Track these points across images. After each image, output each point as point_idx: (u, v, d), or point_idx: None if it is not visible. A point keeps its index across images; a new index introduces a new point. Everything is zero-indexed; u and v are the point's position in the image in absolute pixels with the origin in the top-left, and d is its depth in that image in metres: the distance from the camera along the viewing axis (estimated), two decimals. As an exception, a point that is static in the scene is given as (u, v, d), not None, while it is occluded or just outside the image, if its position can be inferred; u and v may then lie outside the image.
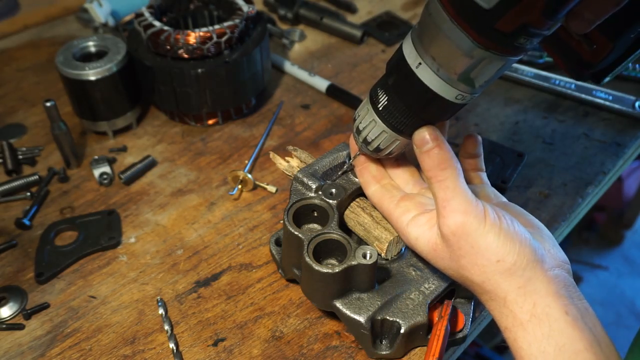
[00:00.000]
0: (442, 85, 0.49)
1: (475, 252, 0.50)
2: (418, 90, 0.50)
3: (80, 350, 0.62)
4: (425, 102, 0.51)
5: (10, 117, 0.92)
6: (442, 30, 0.46)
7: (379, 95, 0.54)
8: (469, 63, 0.47)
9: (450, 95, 0.50)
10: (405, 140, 0.55)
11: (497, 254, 0.49)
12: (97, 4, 1.00)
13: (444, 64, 0.48)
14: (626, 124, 0.86)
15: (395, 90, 0.52)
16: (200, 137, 0.87)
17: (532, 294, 0.48)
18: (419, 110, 0.52)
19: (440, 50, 0.47)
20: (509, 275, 0.49)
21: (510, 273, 0.49)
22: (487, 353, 1.42)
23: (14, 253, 0.72)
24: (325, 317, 0.64)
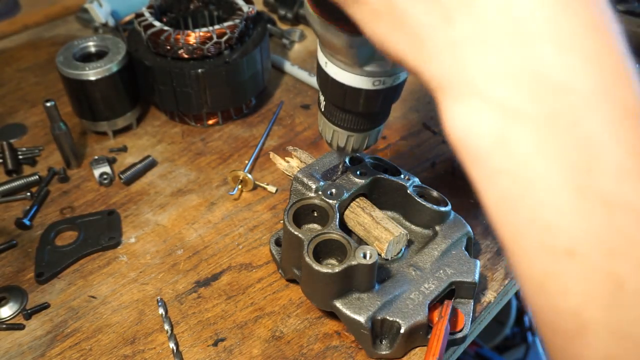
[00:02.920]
0: (352, 77, 0.50)
1: None
2: (336, 87, 0.51)
3: (81, 350, 0.62)
4: (348, 96, 0.52)
5: (10, 117, 0.92)
6: (321, 30, 0.47)
7: (319, 96, 0.56)
8: (356, 52, 0.47)
9: (367, 84, 0.50)
10: (359, 134, 0.56)
11: None
12: (97, 4, 1.00)
13: (341, 58, 0.49)
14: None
15: (323, 90, 0.54)
16: (200, 137, 0.87)
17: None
18: (348, 104, 0.52)
19: (331, 46, 0.48)
20: None
21: None
22: (487, 353, 1.42)
23: (14, 253, 0.72)
24: (325, 317, 0.64)
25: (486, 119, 0.29)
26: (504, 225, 0.30)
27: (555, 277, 0.27)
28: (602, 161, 0.26)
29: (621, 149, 0.26)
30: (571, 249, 0.27)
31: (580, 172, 0.26)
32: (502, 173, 0.29)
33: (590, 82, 0.26)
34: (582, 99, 0.26)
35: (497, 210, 0.30)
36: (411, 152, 0.84)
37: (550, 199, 0.27)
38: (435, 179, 0.80)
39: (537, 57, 0.27)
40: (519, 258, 0.29)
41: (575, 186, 0.26)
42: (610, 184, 0.26)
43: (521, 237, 0.29)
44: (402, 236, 0.62)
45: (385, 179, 0.66)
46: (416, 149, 0.84)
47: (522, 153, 0.28)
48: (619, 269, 0.26)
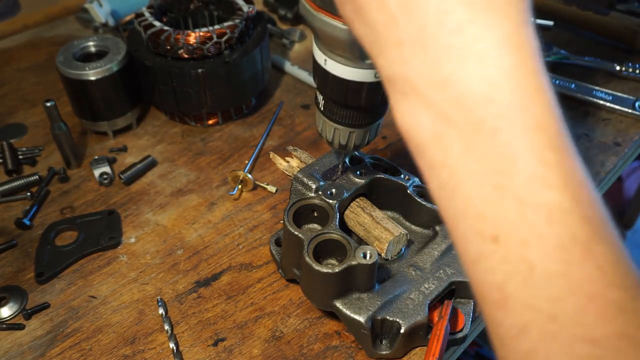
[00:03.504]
0: (354, 72, 0.50)
1: None
2: (337, 84, 0.51)
3: (81, 350, 0.62)
4: (350, 92, 0.51)
5: (10, 117, 0.92)
6: (320, 25, 0.47)
7: (317, 96, 0.55)
8: (356, 44, 0.47)
9: (369, 77, 0.50)
10: (360, 130, 0.56)
11: None
12: (97, 4, 1.00)
13: (342, 53, 0.49)
14: (626, 124, 0.86)
15: (322, 89, 0.53)
16: (200, 137, 0.87)
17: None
18: (350, 100, 0.52)
19: (331, 41, 0.48)
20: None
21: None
22: (488, 353, 1.42)
23: (14, 253, 0.72)
24: (325, 317, 0.64)
25: (424, 118, 0.33)
26: (445, 210, 0.34)
27: (484, 257, 0.32)
28: (518, 166, 0.30)
29: (533, 158, 0.30)
30: (495, 235, 0.31)
31: (499, 173, 0.31)
32: (440, 166, 0.33)
33: (509, 95, 0.30)
34: (501, 111, 0.30)
35: (439, 197, 0.34)
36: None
37: (477, 192, 0.31)
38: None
39: (465, 69, 0.30)
40: (458, 239, 0.34)
41: (495, 184, 0.31)
42: (524, 186, 0.30)
43: (459, 222, 0.33)
44: (402, 236, 0.62)
45: (385, 178, 0.66)
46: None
47: (455, 151, 0.32)
48: (530, 255, 0.30)
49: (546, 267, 0.30)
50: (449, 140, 0.32)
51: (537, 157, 0.30)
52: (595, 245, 0.30)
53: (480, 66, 0.30)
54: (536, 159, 0.30)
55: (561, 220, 0.30)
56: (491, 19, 0.30)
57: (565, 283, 0.30)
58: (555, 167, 0.30)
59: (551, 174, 0.30)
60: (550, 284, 0.30)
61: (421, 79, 0.32)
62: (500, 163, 0.31)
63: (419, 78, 0.32)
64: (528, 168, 0.30)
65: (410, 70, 0.32)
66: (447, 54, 0.31)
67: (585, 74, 0.94)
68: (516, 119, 0.30)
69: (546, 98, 0.31)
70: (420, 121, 0.33)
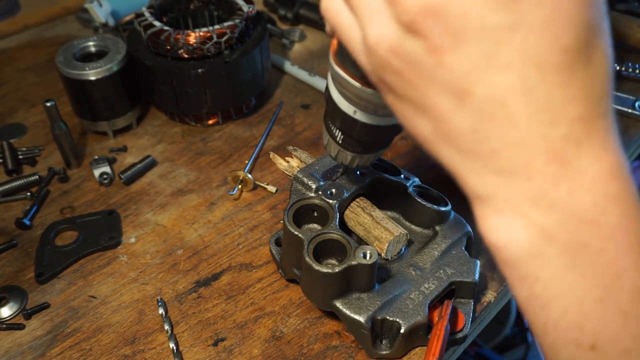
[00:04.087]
0: (386, 120, 0.51)
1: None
2: (367, 130, 0.52)
3: (81, 350, 0.62)
4: (381, 134, 0.53)
5: (10, 117, 0.92)
6: (351, 89, 0.48)
7: (334, 131, 0.55)
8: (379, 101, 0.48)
9: (388, 121, 0.52)
10: (369, 155, 0.57)
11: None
12: (97, 4, 1.00)
13: (376, 109, 0.49)
14: (626, 124, 0.86)
15: (347, 131, 0.53)
16: (200, 137, 0.87)
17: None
18: (377, 138, 0.54)
19: (364, 100, 0.49)
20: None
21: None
22: (488, 353, 1.42)
23: (14, 253, 0.72)
24: (325, 317, 0.64)
25: (523, 235, 0.34)
26: (535, 319, 0.36)
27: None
28: (623, 281, 0.32)
29: (638, 273, 0.32)
30: (594, 344, 0.33)
31: (603, 287, 0.32)
32: (534, 279, 0.34)
33: (615, 219, 0.32)
34: (608, 233, 0.32)
35: (529, 307, 0.36)
36: (411, 152, 0.84)
37: (577, 305, 0.33)
38: (435, 179, 0.80)
39: (574, 195, 0.32)
40: (548, 346, 0.35)
41: (597, 297, 0.33)
42: (628, 298, 0.32)
43: (551, 330, 0.35)
44: (402, 236, 0.62)
45: (385, 178, 0.66)
46: (416, 149, 0.84)
47: (554, 266, 0.33)
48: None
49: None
50: (548, 257, 0.33)
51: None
52: None
53: (589, 193, 0.32)
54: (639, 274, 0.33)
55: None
56: (596, 150, 0.32)
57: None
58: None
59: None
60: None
61: (524, 201, 0.33)
62: (604, 278, 0.32)
63: (521, 200, 0.33)
64: (633, 282, 0.32)
65: (511, 193, 0.33)
66: (554, 183, 0.32)
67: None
68: (621, 240, 0.32)
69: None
70: (517, 237, 0.34)
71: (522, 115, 0.31)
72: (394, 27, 0.33)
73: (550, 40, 0.30)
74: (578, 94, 0.31)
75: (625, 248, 0.32)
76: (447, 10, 0.30)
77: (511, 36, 0.30)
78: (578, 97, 0.31)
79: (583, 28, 0.30)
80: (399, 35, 0.33)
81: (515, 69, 0.30)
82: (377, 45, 0.34)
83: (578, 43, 0.30)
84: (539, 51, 0.30)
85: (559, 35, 0.30)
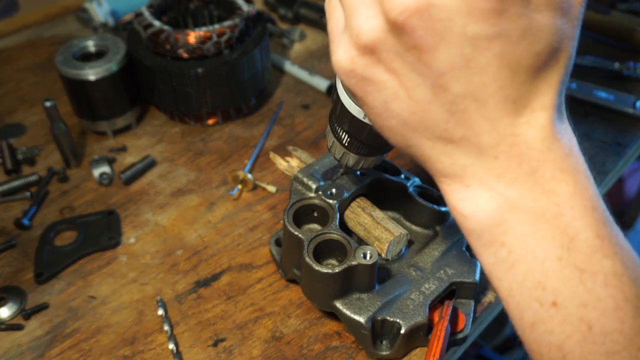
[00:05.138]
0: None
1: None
2: (377, 133, 0.51)
3: (80, 351, 0.62)
4: (375, 135, 0.52)
5: (9, 117, 0.91)
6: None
7: (340, 134, 0.55)
8: None
9: None
10: (373, 157, 0.57)
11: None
12: (96, 4, 0.99)
13: None
14: (627, 124, 0.86)
15: (355, 134, 0.53)
16: (200, 137, 0.87)
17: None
18: (385, 141, 0.54)
19: None
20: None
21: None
22: (488, 353, 1.42)
23: (13, 253, 0.72)
24: (326, 318, 0.64)
25: (490, 204, 0.37)
26: (500, 282, 0.38)
27: (543, 321, 0.36)
28: (578, 241, 0.35)
29: (592, 233, 0.35)
30: (555, 301, 0.36)
31: (561, 248, 0.35)
32: (499, 245, 0.37)
33: (570, 187, 0.36)
34: (564, 199, 0.36)
35: (493, 269, 0.38)
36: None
37: (539, 266, 0.36)
38: (436, 178, 0.79)
39: (540, 174, 0.36)
40: (513, 307, 0.38)
41: (557, 257, 0.36)
42: (583, 257, 0.35)
43: (516, 292, 0.37)
44: (403, 236, 0.62)
45: (386, 179, 0.66)
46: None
47: (517, 232, 0.36)
48: (589, 316, 0.35)
49: (603, 326, 0.35)
50: (512, 224, 0.37)
51: (594, 232, 0.36)
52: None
53: (549, 169, 0.36)
54: (593, 233, 0.36)
55: (615, 283, 0.35)
56: (554, 133, 0.36)
57: (619, 338, 0.34)
58: (608, 239, 0.36)
59: (605, 245, 0.35)
60: (606, 340, 0.35)
61: (491, 176, 0.37)
62: (562, 240, 0.36)
63: (488, 176, 0.37)
64: (587, 242, 0.35)
65: (479, 170, 0.37)
66: (519, 161, 0.36)
67: (586, 74, 0.94)
68: (576, 205, 0.36)
69: (593, 184, 0.37)
70: (484, 207, 0.37)
71: (493, 108, 0.35)
72: (380, 21, 0.35)
73: (525, 48, 0.33)
74: (542, 88, 0.35)
75: (579, 212, 0.36)
76: (433, 13, 0.32)
77: (490, 44, 0.32)
78: (542, 91, 0.35)
79: (555, 34, 0.33)
80: (383, 28, 0.35)
81: (490, 71, 0.33)
82: (359, 36, 0.36)
83: (549, 48, 0.34)
84: (514, 57, 0.33)
85: (534, 43, 0.33)
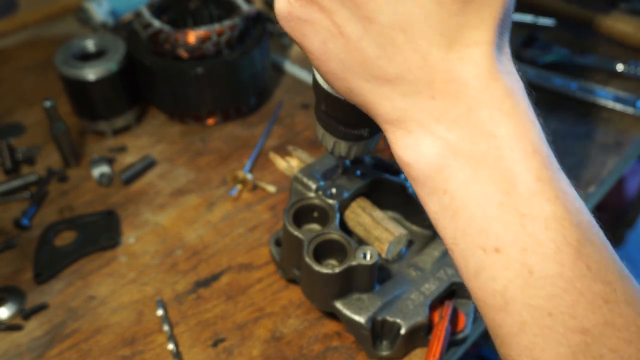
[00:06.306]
0: None
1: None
2: (351, 106, 0.51)
3: (79, 351, 0.62)
4: (354, 112, 0.52)
5: (8, 117, 0.91)
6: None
7: (324, 119, 0.54)
8: None
9: None
10: (361, 143, 0.56)
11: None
12: (96, 3, 0.99)
13: None
14: (628, 124, 0.86)
15: (334, 114, 0.52)
16: (200, 137, 0.87)
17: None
18: (363, 115, 0.53)
19: None
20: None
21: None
22: (489, 354, 1.42)
23: (12, 253, 0.71)
24: (325, 318, 0.64)
25: (430, 151, 0.37)
26: (445, 230, 0.38)
27: (486, 267, 0.36)
28: (518, 185, 0.35)
29: (532, 176, 0.35)
30: (497, 247, 0.35)
31: (502, 193, 0.35)
32: (442, 192, 0.37)
33: (509, 129, 0.35)
34: (503, 142, 0.35)
35: (438, 217, 0.38)
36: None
37: (481, 212, 0.36)
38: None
39: (475, 112, 0.35)
40: (458, 255, 0.38)
41: (498, 202, 0.35)
42: (524, 201, 0.35)
43: (460, 239, 0.37)
44: (403, 236, 0.62)
45: (386, 179, 0.66)
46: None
47: (459, 178, 0.36)
48: (530, 260, 0.34)
49: (544, 270, 0.34)
50: (453, 170, 0.36)
51: (534, 176, 0.35)
52: (584, 247, 0.35)
53: (486, 109, 0.35)
54: (533, 177, 0.35)
55: (556, 227, 0.34)
56: (492, 72, 0.35)
57: (560, 282, 0.34)
58: (549, 183, 0.35)
59: (546, 188, 0.35)
60: (547, 284, 0.34)
61: (430, 119, 0.36)
62: (503, 184, 0.35)
63: (427, 118, 0.36)
64: (527, 185, 0.35)
65: (418, 113, 0.36)
66: (455, 101, 0.35)
67: (586, 73, 0.93)
68: (515, 148, 0.35)
69: (536, 128, 0.37)
70: (426, 153, 0.37)
71: (422, 41, 0.34)
72: None
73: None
74: (474, 22, 0.34)
75: (519, 155, 0.35)
76: None
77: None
78: (473, 25, 0.34)
79: None
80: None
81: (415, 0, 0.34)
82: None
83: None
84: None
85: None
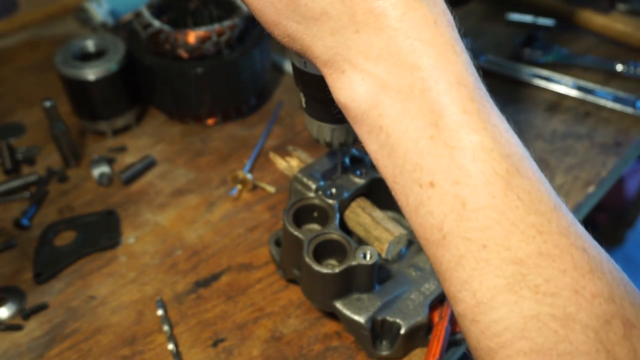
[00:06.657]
0: None
1: None
2: (317, 83, 0.51)
3: (79, 351, 0.62)
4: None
5: (8, 117, 0.91)
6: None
7: (301, 97, 0.56)
8: None
9: None
10: (342, 126, 0.57)
11: None
12: (96, 4, 0.99)
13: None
14: (627, 124, 0.86)
15: (310, 92, 0.54)
16: (200, 137, 0.87)
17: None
18: (326, 97, 0.54)
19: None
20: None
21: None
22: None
23: (12, 253, 0.71)
24: (325, 318, 0.64)
25: (363, 88, 0.37)
26: (385, 169, 0.38)
27: (424, 203, 0.36)
28: (445, 117, 0.35)
29: (457, 108, 0.35)
30: (431, 181, 0.36)
31: (431, 126, 0.35)
32: (378, 129, 0.37)
33: (432, 61, 0.36)
34: (428, 73, 0.36)
35: (379, 158, 0.38)
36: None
37: (414, 147, 0.36)
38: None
39: (395, 44, 0.36)
40: (399, 193, 0.38)
41: (428, 136, 0.36)
42: (451, 133, 0.35)
43: (398, 176, 0.37)
44: (403, 236, 0.62)
45: (386, 178, 0.66)
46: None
47: (391, 113, 0.37)
48: (462, 193, 0.35)
49: (475, 201, 0.35)
50: (385, 105, 0.37)
51: (460, 107, 0.35)
52: (514, 178, 0.35)
53: (407, 39, 0.36)
54: (459, 108, 0.35)
55: (484, 158, 0.35)
56: (409, 3, 0.36)
57: (492, 213, 0.34)
58: (475, 114, 0.35)
59: (473, 120, 0.35)
60: (479, 216, 0.34)
61: (358, 55, 0.37)
62: (431, 117, 0.35)
63: (355, 55, 0.37)
64: (453, 117, 0.35)
65: (346, 50, 0.37)
66: (377, 33, 0.36)
67: (586, 74, 0.94)
68: (440, 79, 0.36)
69: (462, 59, 0.37)
70: (359, 91, 0.38)
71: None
72: None
73: None
74: None
75: (444, 87, 0.35)
76: None
77: None
78: None
79: None
80: None
81: None
82: None
83: None
84: None
85: None
